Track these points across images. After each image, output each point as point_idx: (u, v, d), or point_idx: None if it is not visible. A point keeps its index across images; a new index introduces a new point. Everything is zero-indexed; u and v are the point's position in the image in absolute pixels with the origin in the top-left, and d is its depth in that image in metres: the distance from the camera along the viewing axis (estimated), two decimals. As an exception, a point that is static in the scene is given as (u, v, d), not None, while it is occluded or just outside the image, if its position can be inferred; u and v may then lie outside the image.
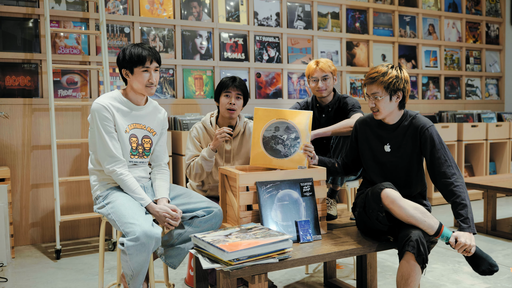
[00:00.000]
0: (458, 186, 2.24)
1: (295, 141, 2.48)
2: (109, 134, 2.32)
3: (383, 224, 2.25)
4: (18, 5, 3.97)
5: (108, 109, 2.33)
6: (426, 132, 2.32)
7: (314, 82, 2.96)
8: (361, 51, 5.61)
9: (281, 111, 2.51)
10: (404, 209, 2.17)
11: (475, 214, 4.90)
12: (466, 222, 2.18)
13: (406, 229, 2.17)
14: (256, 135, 2.49)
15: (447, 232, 2.18)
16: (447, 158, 2.29)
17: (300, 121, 2.48)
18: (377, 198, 2.22)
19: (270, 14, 5.04)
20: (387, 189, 2.21)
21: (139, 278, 2.17)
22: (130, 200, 2.28)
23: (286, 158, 2.48)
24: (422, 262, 2.11)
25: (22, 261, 3.56)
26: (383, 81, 2.30)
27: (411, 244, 2.10)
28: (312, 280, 3.14)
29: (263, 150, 2.48)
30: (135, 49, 2.37)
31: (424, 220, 2.16)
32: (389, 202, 2.19)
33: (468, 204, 2.22)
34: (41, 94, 4.03)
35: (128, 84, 2.43)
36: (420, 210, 2.18)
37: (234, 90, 2.80)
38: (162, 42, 4.51)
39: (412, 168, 2.38)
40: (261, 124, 2.49)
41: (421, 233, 2.14)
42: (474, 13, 6.49)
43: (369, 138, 2.47)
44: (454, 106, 6.27)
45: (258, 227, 2.15)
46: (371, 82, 2.33)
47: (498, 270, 2.16)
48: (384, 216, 2.22)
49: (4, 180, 3.57)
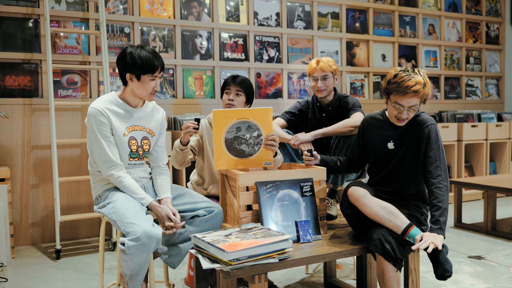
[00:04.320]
0: (439, 188, 2.20)
1: (258, 139, 2.48)
2: (106, 139, 2.30)
3: (351, 220, 2.33)
4: (18, 5, 3.97)
5: (104, 113, 2.30)
6: (425, 128, 2.31)
7: (314, 81, 2.96)
8: (361, 51, 5.61)
9: (240, 110, 2.46)
10: (369, 207, 2.19)
11: (475, 214, 4.90)
12: (436, 223, 2.14)
13: (371, 228, 2.20)
14: (218, 139, 2.42)
15: (414, 232, 2.14)
16: (438, 159, 2.26)
17: (261, 117, 2.47)
18: (345, 195, 2.29)
19: (270, 14, 5.04)
20: (353, 187, 2.26)
21: (138, 278, 2.17)
22: (131, 200, 2.28)
23: (251, 157, 2.47)
24: (392, 260, 2.11)
25: (22, 261, 3.56)
26: (425, 93, 2.24)
27: (373, 243, 2.13)
28: (312, 280, 3.14)
29: (226, 153, 2.43)
30: (144, 54, 2.30)
31: (389, 220, 2.16)
32: (354, 199, 2.24)
33: (444, 207, 2.16)
34: (41, 94, 4.03)
35: (129, 88, 2.38)
36: (387, 209, 2.18)
37: (234, 87, 2.81)
38: (162, 42, 4.52)
39: (408, 165, 2.38)
40: (222, 126, 2.42)
41: (385, 230, 2.15)
42: (474, 13, 6.50)
43: (374, 135, 2.47)
44: (454, 106, 6.27)
45: (258, 227, 2.15)
46: (415, 94, 2.21)
47: (451, 276, 2.08)
48: (350, 213, 2.29)
49: (4, 180, 3.57)
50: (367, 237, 2.22)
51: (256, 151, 2.48)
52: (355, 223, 2.35)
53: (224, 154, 2.44)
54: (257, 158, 2.48)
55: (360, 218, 2.30)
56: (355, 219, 2.31)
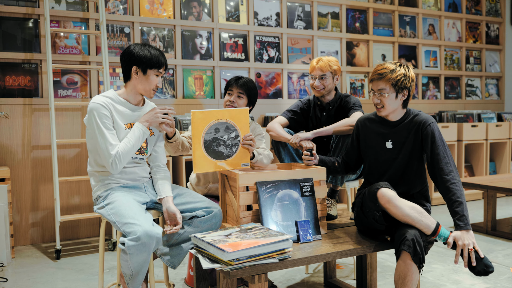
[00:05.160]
0: (454, 183, 2.23)
1: (236, 140, 2.47)
2: (108, 130, 2.29)
3: (379, 224, 2.26)
4: (18, 5, 3.97)
5: (106, 107, 2.30)
6: (428, 127, 2.32)
7: (312, 80, 2.97)
8: (361, 51, 5.61)
9: (219, 111, 2.44)
10: (400, 208, 2.17)
11: (475, 214, 4.90)
12: (462, 220, 2.17)
13: (402, 229, 2.17)
14: (197, 140, 2.40)
15: (444, 232, 2.18)
16: (446, 155, 2.28)
17: (238, 118, 2.46)
18: (374, 197, 2.23)
19: (270, 14, 5.04)
20: (383, 189, 2.21)
21: (139, 278, 2.17)
22: (130, 200, 2.28)
23: (229, 158, 2.46)
24: (418, 262, 2.11)
25: (22, 261, 3.56)
26: (392, 78, 2.30)
27: (407, 243, 2.10)
28: (312, 280, 3.14)
29: (205, 155, 2.41)
30: (152, 50, 2.37)
31: (421, 220, 2.16)
32: (385, 201, 2.19)
33: (464, 202, 2.21)
34: (41, 94, 4.03)
35: (131, 83, 2.39)
36: (416, 209, 2.18)
37: (236, 89, 2.80)
38: (162, 42, 4.51)
39: (412, 165, 2.38)
40: (201, 128, 2.40)
41: (417, 232, 2.14)
42: (474, 13, 6.50)
43: (370, 136, 2.47)
44: (454, 106, 6.27)
45: (258, 227, 2.15)
46: (379, 78, 2.32)
47: (494, 271, 2.14)
48: (381, 216, 2.23)
49: (4, 180, 3.57)
50: (396, 236, 2.18)
51: (234, 152, 2.47)
52: (380, 227, 2.27)
53: (204, 157, 2.41)
54: (235, 160, 2.47)
55: (388, 221, 2.25)
56: (385, 223, 2.25)
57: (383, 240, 2.33)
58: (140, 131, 2.33)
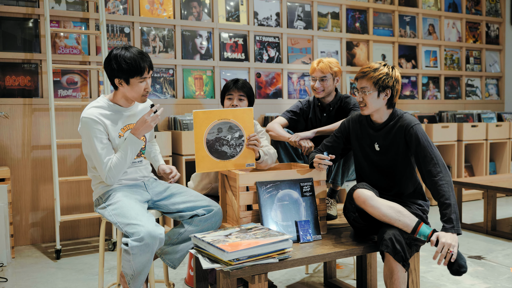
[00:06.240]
0: (442, 185, 2.21)
1: (240, 140, 2.46)
2: (103, 145, 2.28)
3: (358, 224, 2.29)
4: (18, 5, 3.97)
5: (99, 121, 2.27)
6: (411, 130, 2.31)
7: (312, 81, 2.97)
8: (361, 51, 5.61)
9: (221, 111, 2.44)
10: (377, 208, 2.18)
11: (475, 214, 4.90)
12: (448, 222, 2.15)
13: (382, 229, 2.20)
14: (199, 140, 2.39)
15: (424, 230, 2.15)
16: (433, 156, 2.26)
17: (242, 118, 2.46)
18: (350, 198, 2.26)
19: (270, 14, 5.04)
20: (359, 189, 2.23)
21: (140, 278, 2.17)
22: (132, 201, 2.28)
23: (233, 158, 2.46)
24: (402, 260, 2.12)
25: (22, 261, 3.56)
26: (373, 77, 2.31)
27: (385, 243, 2.12)
28: (312, 280, 3.14)
29: (208, 155, 2.41)
30: (130, 57, 2.25)
31: (398, 219, 2.16)
32: (360, 202, 2.22)
33: (452, 203, 2.17)
34: (41, 94, 4.03)
35: (120, 92, 2.35)
36: (395, 208, 2.18)
37: (236, 92, 2.79)
38: (162, 42, 4.52)
39: (401, 168, 2.37)
40: (203, 127, 2.39)
41: (396, 231, 2.15)
42: (474, 13, 6.50)
43: (360, 137, 2.47)
44: (454, 106, 6.27)
45: (258, 227, 2.15)
46: (362, 76, 2.34)
47: (466, 271, 2.12)
48: (357, 216, 2.26)
49: (4, 180, 3.57)
50: (377, 237, 2.21)
51: (238, 152, 2.47)
52: (362, 226, 2.32)
53: (206, 156, 2.41)
54: (239, 160, 2.47)
55: (368, 220, 2.27)
56: (363, 222, 2.28)
57: (370, 240, 2.34)
58: (133, 149, 2.32)
